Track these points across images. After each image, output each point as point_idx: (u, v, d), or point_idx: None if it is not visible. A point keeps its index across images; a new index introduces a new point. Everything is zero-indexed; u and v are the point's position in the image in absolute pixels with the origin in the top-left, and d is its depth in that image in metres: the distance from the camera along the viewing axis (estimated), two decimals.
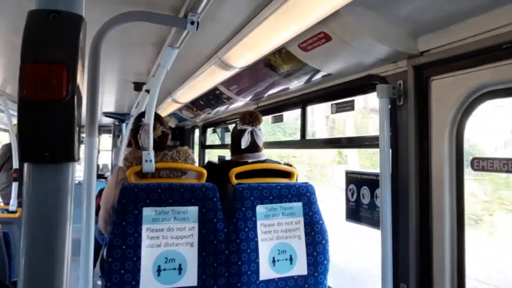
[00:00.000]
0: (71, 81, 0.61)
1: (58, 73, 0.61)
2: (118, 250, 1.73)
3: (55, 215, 0.63)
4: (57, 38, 0.62)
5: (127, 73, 3.17)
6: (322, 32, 1.63)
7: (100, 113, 6.12)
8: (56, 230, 0.63)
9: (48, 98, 0.60)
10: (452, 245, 1.57)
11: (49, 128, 0.61)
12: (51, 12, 0.62)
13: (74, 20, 0.64)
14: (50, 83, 0.60)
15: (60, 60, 0.61)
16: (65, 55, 0.61)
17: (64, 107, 0.61)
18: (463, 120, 1.53)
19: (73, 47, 0.62)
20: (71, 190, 0.64)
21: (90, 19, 1.65)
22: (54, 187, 0.63)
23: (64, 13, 0.63)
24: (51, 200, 0.63)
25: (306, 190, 2.08)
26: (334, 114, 2.29)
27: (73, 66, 0.62)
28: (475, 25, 1.40)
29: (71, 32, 0.63)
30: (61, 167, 0.64)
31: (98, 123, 5.43)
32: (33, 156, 0.62)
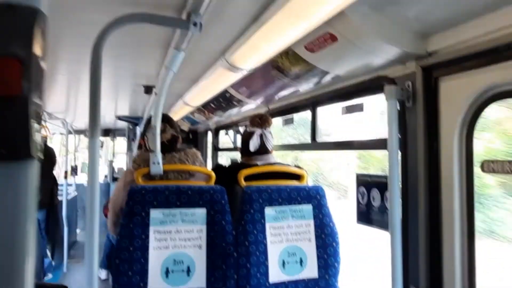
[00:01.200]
0: (26, 75, 0.60)
1: (10, 67, 0.59)
2: (125, 252, 1.74)
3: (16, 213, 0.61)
4: (9, 31, 0.60)
5: (139, 76, 3.19)
6: (328, 33, 1.62)
7: (114, 117, 6.20)
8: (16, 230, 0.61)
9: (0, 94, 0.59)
10: (463, 248, 1.54)
11: (3, 124, 0.60)
12: (5, 5, 0.60)
13: (29, 12, 0.61)
14: (2, 78, 0.59)
15: (11, 53, 0.59)
16: (17, 48, 0.60)
17: (18, 102, 0.60)
18: (473, 121, 1.50)
19: (27, 40, 0.60)
20: (32, 188, 0.63)
21: (91, 21, 1.67)
22: (13, 185, 0.62)
23: (19, 6, 0.61)
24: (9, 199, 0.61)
25: (316, 193, 2.07)
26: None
27: (28, 60, 0.60)
28: (484, 24, 1.37)
29: (25, 25, 0.61)
30: (19, 164, 0.62)
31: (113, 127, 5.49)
32: None
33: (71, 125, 6.97)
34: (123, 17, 1.49)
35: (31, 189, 0.63)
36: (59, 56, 2.51)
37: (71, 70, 2.97)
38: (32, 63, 0.61)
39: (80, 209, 7.81)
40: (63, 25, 1.84)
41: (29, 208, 0.63)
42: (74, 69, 2.93)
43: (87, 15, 1.73)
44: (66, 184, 6.05)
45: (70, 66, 2.84)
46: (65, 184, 6.02)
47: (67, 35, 2.01)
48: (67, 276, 5.73)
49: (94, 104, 1.52)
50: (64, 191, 5.94)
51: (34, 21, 0.62)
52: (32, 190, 0.63)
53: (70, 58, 2.59)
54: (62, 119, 6.01)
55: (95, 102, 1.52)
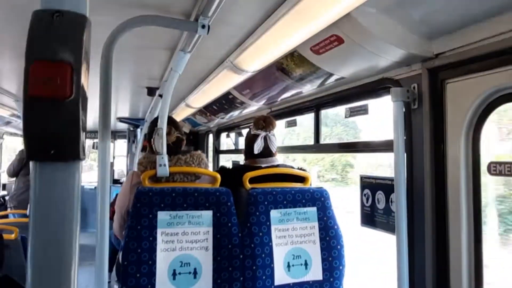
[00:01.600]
0: (76, 80, 0.62)
1: (62, 71, 0.61)
2: (133, 254, 1.74)
3: (62, 213, 0.63)
4: (61, 37, 0.62)
5: (140, 78, 3.19)
6: (334, 35, 1.62)
7: (114, 118, 6.19)
8: (63, 228, 0.63)
9: (52, 96, 0.61)
10: (470, 251, 1.54)
11: (54, 126, 0.61)
12: (55, 12, 0.62)
13: (78, 20, 0.64)
14: (55, 81, 0.61)
15: (64, 58, 0.62)
16: (69, 54, 0.62)
17: (69, 105, 0.62)
18: (480, 124, 1.51)
19: (77, 46, 0.63)
20: (77, 189, 0.65)
21: (102, 23, 1.68)
22: (60, 185, 0.64)
23: (68, 13, 0.63)
24: (57, 198, 0.63)
25: (320, 195, 2.07)
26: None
27: (78, 65, 0.62)
28: (490, 27, 1.37)
29: (75, 32, 0.63)
30: (67, 165, 0.64)
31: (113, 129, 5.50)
32: (39, 154, 0.63)
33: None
34: (132, 20, 1.49)
35: (77, 189, 0.65)
36: None
37: None
38: (81, 68, 0.63)
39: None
40: None
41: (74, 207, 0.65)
42: None
43: (97, 18, 1.73)
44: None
45: None
46: None
47: None
48: None
49: (105, 107, 1.52)
50: None
51: (83, 28, 0.64)
52: (77, 190, 0.65)
53: None
54: None
55: (106, 105, 1.52)
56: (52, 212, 0.63)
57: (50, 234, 0.63)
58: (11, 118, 4.98)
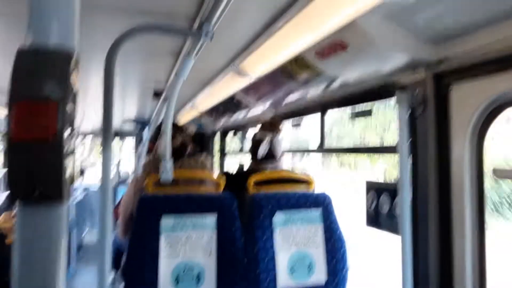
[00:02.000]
0: (60, 117, 0.61)
1: (46, 110, 0.60)
2: (136, 259, 1.75)
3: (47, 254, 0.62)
4: (45, 76, 0.61)
5: (147, 81, 3.21)
6: (338, 40, 1.62)
7: (121, 119, 6.23)
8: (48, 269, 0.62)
9: (35, 137, 0.60)
10: (473, 254, 1.53)
11: (37, 167, 0.60)
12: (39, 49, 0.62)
13: (64, 56, 0.63)
14: (38, 122, 0.60)
15: (48, 97, 0.61)
16: (53, 92, 0.61)
17: (52, 146, 0.61)
18: (484, 129, 1.50)
19: (62, 83, 0.62)
20: (63, 230, 0.64)
21: (105, 30, 1.69)
22: (45, 226, 0.62)
23: (54, 50, 0.62)
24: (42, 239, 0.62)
25: (323, 199, 2.07)
26: None
27: (63, 103, 0.61)
28: (495, 32, 1.37)
29: (60, 69, 0.62)
30: (52, 206, 0.63)
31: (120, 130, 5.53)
32: (23, 195, 0.62)
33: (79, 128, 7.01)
34: (136, 28, 1.50)
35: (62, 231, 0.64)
36: None
37: (81, 77, 2.99)
38: (68, 103, 0.62)
39: (88, 212, 7.84)
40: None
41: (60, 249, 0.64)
42: (84, 76, 2.95)
43: (101, 25, 1.75)
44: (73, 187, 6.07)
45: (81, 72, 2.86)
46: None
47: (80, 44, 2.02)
48: (74, 279, 5.75)
49: (107, 112, 1.54)
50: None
51: (69, 64, 0.63)
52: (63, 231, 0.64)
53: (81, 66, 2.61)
54: None
55: (108, 110, 1.54)
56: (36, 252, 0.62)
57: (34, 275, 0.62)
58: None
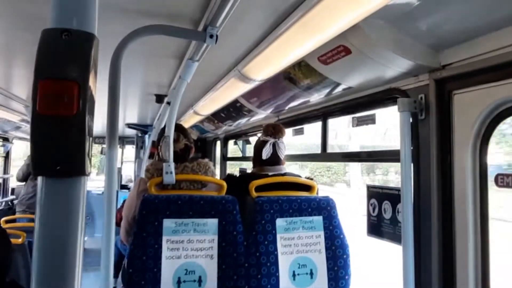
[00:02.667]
0: (82, 97, 0.64)
1: (69, 89, 0.63)
2: (138, 261, 1.75)
3: (67, 228, 0.65)
4: (69, 56, 0.65)
5: (149, 85, 3.22)
6: (341, 45, 1.63)
7: (123, 124, 6.23)
8: (67, 242, 0.64)
9: (59, 114, 0.63)
10: (476, 262, 1.52)
11: (60, 142, 0.63)
12: (64, 31, 0.65)
13: (85, 38, 0.66)
14: (62, 99, 0.63)
15: (71, 77, 0.64)
16: (76, 72, 0.64)
17: (75, 122, 0.64)
18: (487, 135, 1.50)
19: (84, 64, 0.65)
20: (82, 204, 0.66)
21: (111, 32, 1.70)
22: (66, 200, 0.65)
23: (76, 32, 0.65)
24: (62, 212, 0.64)
25: (326, 204, 2.07)
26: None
27: (84, 83, 0.64)
28: (498, 38, 1.37)
29: (82, 50, 0.65)
30: (73, 181, 0.66)
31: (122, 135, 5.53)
32: (46, 170, 0.64)
33: None
34: (141, 29, 1.51)
35: (82, 204, 0.66)
36: None
37: None
38: (88, 85, 0.65)
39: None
40: None
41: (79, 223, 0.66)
42: None
43: (106, 27, 1.76)
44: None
45: None
46: None
47: None
48: None
49: (112, 114, 1.54)
50: None
51: (91, 46, 0.66)
52: (83, 205, 0.66)
53: None
54: None
55: (113, 112, 1.54)
56: (57, 226, 0.64)
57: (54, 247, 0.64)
58: (20, 123, 5.04)
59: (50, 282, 0.64)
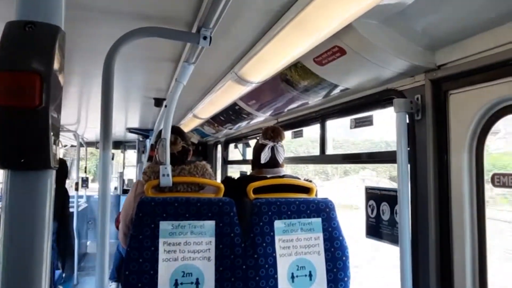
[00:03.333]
0: (45, 89, 0.64)
1: (30, 81, 0.63)
2: (135, 264, 1.75)
3: (33, 222, 0.64)
4: (31, 48, 0.64)
5: (149, 89, 3.24)
6: (336, 46, 1.63)
7: (124, 129, 6.26)
8: (34, 235, 0.64)
9: (21, 106, 0.63)
10: (474, 263, 1.52)
11: (23, 135, 0.63)
12: (27, 23, 0.65)
13: (50, 30, 0.66)
14: (23, 91, 0.63)
15: (33, 68, 0.63)
16: (38, 64, 0.64)
17: (38, 114, 0.64)
18: (483, 135, 1.50)
19: (47, 56, 0.64)
20: (50, 197, 0.66)
21: (104, 35, 1.71)
22: (32, 194, 0.65)
23: (41, 24, 0.65)
24: (28, 206, 0.64)
25: (325, 206, 2.06)
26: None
27: (47, 75, 0.64)
28: (493, 37, 1.37)
29: (45, 42, 0.65)
30: (38, 174, 0.65)
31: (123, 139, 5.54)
32: (9, 163, 0.64)
33: (82, 137, 7.05)
34: (134, 31, 1.52)
35: (48, 198, 0.66)
36: (71, 69, 2.55)
37: (82, 83, 3.02)
38: (51, 77, 0.65)
39: (91, 220, 7.86)
40: (75, 39, 1.88)
41: (45, 216, 0.66)
42: (86, 82, 2.98)
43: (100, 29, 1.77)
44: (77, 196, 6.10)
45: (82, 79, 2.89)
46: (76, 196, 6.07)
47: (79, 48, 2.05)
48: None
49: (106, 117, 1.55)
50: (75, 203, 5.98)
51: (55, 38, 0.66)
52: (49, 199, 0.66)
53: (82, 71, 2.64)
54: (73, 131, 6.09)
55: (107, 115, 1.54)
56: (23, 220, 0.64)
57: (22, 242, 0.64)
58: None
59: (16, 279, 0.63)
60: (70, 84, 3.02)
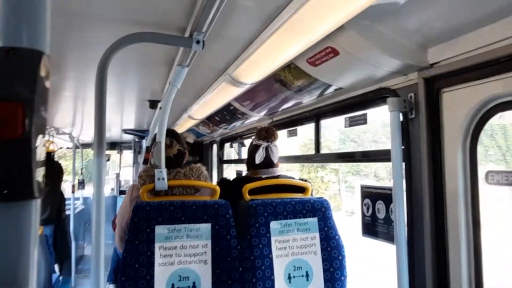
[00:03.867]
0: (28, 117, 0.62)
1: (13, 110, 0.61)
2: (131, 269, 1.74)
3: (17, 252, 0.63)
4: (13, 75, 0.62)
5: (143, 91, 3.24)
6: (329, 47, 1.63)
7: (120, 130, 6.24)
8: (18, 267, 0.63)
9: (4, 136, 0.61)
10: (469, 259, 1.52)
11: (6, 166, 0.61)
12: (10, 49, 0.62)
13: (32, 56, 0.64)
14: (5, 121, 0.61)
15: (15, 97, 0.61)
16: (20, 92, 0.62)
17: (21, 144, 0.62)
18: (476, 132, 1.50)
19: (29, 83, 0.62)
20: (34, 227, 0.64)
21: (98, 40, 1.70)
22: (15, 225, 0.63)
23: (24, 50, 0.63)
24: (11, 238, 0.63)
25: (321, 205, 2.06)
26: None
27: (30, 103, 0.62)
28: (485, 35, 1.37)
29: (28, 68, 0.63)
30: (21, 204, 0.64)
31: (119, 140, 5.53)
32: None
33: (78, 139, 7.03)
34: (127, 37, 1.51)
35: (33, 228, 0.64)
36: (66, 74, 2.55)
37: (77, 86, 3.01)
38: (35, 105, 0.62)
39: (88, 222, 7.85)
40: (70, 44, 1.87)
41: (30, 247, 0.64)
42: (80, 85, 2.97)
43: (94, 35, 1.76)
44: (73, 198, 6.08)
45: (76, 83, 2.88)
46: (72, 198, 6.05)
47: (74, 54, 2.04)
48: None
49: (99, 121, 1.54)
50: (72, 205, 5.96)
51: (38, 65, 0.63)
52: (34, 229, 0.64)
53: (76, 76, 2.64)
54: (69, 133, 6.07)
55: (100, 119, 1.54)
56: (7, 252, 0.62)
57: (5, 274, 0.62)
58: None
59: None
60: (65, 89, 3.01)
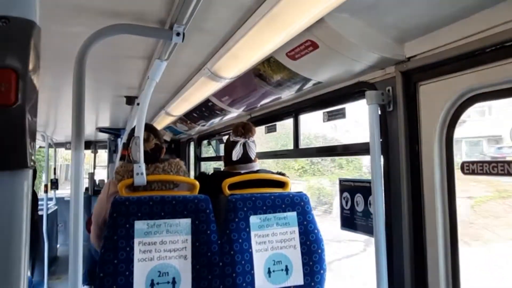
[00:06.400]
0: (22, 86, 0.61)
1: (6, 78, 0.60)
2: (109, 265, 1.71)
3: (10, 221, 0.62)
4: (5, 43, 0.62)
5: (119, 87, 3.17)
6: (308, 40, 1.63)
7: (94, 129, 6.12)
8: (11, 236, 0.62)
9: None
10: (446, 249, 1.55)
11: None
12: (1, 18, 0.62)
13: (25, 25, 0.63)
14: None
15: (8, 65, 0.61)
16: (13, 60, 0.61)
17: (14, 112, 0.61)
18: (452, 124, 1.53)
19: (22, 52, 0.62)
20: (26, 198, 0.64)
21: (75, 33, 1.66)
22: (8, 193, 0.62)
23: (15, 19, 0.63)
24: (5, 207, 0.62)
25: (300, 200, 2.07)
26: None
27: (23, 71, 0.62)
28: (459, 29, 1.41)
29: (20, 37, 0.63)
30: (14, 174, 0.63)
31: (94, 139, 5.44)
32: None
33: (51, 138, 6.87)
34: (105, 29, 1.48)
35: (26, 198, 0.64)
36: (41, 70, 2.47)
37: (51, 83, 2.93)
38: (28, 74, 0.62)
39: (61, 223, 7.68)
40: (44, 38, 1.81)
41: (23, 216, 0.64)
42: (55, 82, 2.89)
43: (69, 28, 1.71)
44: (46, 198, 5.94)
45: (50, 79, 2.80)
46: (45, 198, 5.91)
47: (49, 48, 1.98)
48: None
49: (77, 117, 1.51)
50: (45, 206, 5.82)
51: (30, 34, 0.63)
52: (27, 199, 0.64)
53: (50, 71, 2.56)
54: (42, 131, 5.92)
55: (78, 115, 1.51)
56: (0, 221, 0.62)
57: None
58: None
59: None
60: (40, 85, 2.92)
